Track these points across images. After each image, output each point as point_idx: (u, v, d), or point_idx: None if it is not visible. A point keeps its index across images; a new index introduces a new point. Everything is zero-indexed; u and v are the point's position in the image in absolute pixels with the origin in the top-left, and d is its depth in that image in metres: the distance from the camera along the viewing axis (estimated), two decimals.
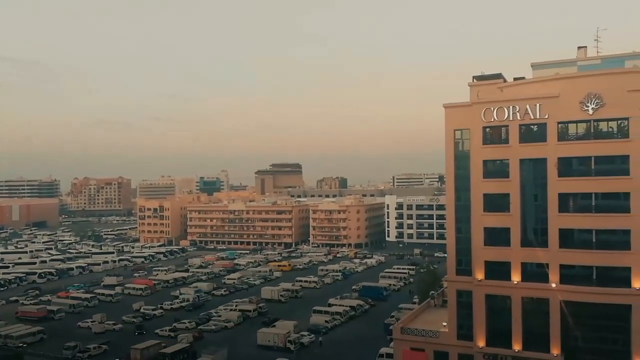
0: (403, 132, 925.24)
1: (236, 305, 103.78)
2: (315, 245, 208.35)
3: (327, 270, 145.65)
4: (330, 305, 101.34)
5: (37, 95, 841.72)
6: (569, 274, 52.08)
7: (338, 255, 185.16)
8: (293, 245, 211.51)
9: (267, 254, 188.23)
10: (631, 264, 49.63)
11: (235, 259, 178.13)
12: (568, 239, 52.28)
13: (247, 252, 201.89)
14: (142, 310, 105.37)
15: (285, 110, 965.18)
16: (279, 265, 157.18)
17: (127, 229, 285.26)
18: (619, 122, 50.83)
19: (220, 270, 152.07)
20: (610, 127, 51.56)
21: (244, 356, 78.12)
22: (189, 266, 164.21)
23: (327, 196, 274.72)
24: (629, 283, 49.53)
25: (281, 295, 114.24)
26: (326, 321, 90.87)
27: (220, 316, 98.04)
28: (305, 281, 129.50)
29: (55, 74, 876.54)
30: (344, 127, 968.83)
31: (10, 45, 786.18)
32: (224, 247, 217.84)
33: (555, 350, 51.90)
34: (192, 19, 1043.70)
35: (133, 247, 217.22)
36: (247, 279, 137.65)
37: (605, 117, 51.07)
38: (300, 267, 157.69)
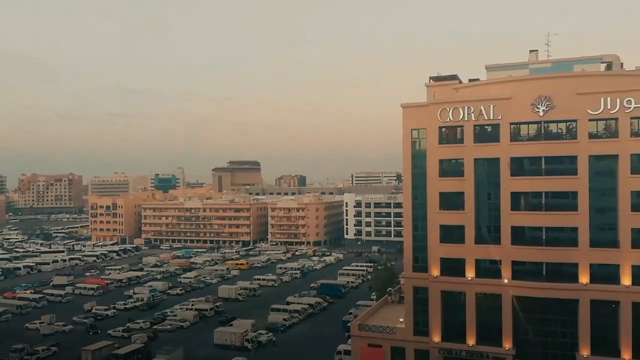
0: (363, 131, 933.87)
1: (192, 305, 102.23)
2: (274, 243, 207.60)
3: (285, 268, 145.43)
4: (288, 303, 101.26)
5: None
6: (520, 270, 53.85)
7: (297, 253, 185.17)
8: (251, 243, 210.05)
9: (225, 253, 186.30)
10: (578, 260, 51.77)
11: (191, 257, 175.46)
12: (519, 236, 54.03)
13: (204, 250, 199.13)
14: (94, 310, 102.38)
15: (244, 107, 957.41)
16: (236, 264, 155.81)
17: (78, 227, 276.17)
18: (568, 123, 52.85)
19: (176, 269, 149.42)
20: (560, 128, 53.54)
21: (200, 356, 77.04)
22: (144, 265, 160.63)
23: (286, 194, 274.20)
24: (576, 278, 51.65)
25: (239, 294, 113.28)
26: (284, 319, 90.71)
27: (175, 316, 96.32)
28: (264, 279, 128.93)
29: (8, 63, 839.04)
30: (304, 125, 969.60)
31: None
32: (180, 246, 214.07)
33: (508, 345, 53.58)
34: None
35: (84, 246, 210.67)
36: (204, 277, 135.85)
37: (555, 119, 53.00)
38: (259, 265, 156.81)
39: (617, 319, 50.74)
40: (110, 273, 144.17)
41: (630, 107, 49.95)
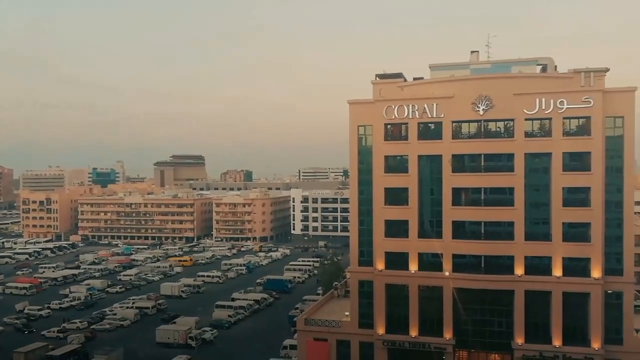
0: (310, 127, 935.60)
1: (133, 303, 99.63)
2: (219, 239, 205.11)
3: (231, 264, 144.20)
4: (234, 299, 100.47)
5: None
6: (461, 263, 55.91)
7: (242, 249, 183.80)
8: (195, 239, 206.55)
9: (167, 249, 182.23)
10: (514, 252, 54.34)
11: (131, 254, 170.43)
12: (460, 230, 56.06)
13: (145, 247, 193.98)
14: (26, 310, 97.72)
15: (189, 101, 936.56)
16: (179, 260, 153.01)
17: (8, 224, 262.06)
18: (506, 122, 55.21)
19: (116, 267, 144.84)
20: (498, 127, 55.85)
21: (142, 355, 75.20)
22: (80, 263, 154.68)
23: (232, 189, 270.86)
24: (512, 270, 54.21)
25: (182, 291, 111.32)
26: (229, 316, 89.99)
27: (115, 315, 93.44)
28: (208, 276, 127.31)
29: None
30: (251, 121, 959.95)
31: None
32: (120, 243, 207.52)
33: (448, 335, 55.55)
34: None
35: (15, 243, 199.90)
36: (145, 275, 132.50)
37: (494, 118, 55.25)
38: (203, 261, 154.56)
39: (549, 308, 53.67)
40: (44, 271, 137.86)
41: (562, 108, 52.80)
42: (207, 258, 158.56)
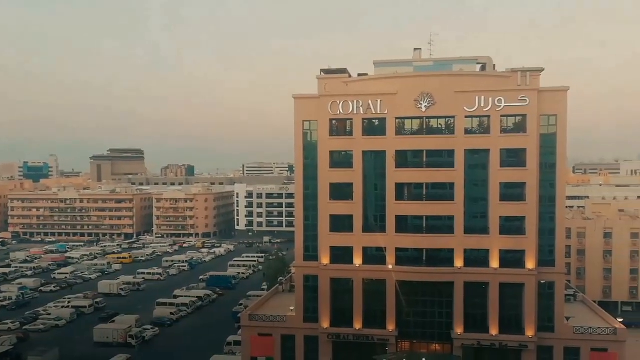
0: (255, 122, 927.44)
1: (69, 302, 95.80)
2: (160, 235, 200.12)
3: (172, 261, 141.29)
4: (176, 297, 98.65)
5: None
6: (403, 256, 57.11)
7: (185, 245, 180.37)
8: (135, 236, 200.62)
9: (105, 246, 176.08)
10: (454, 246, 56.05)
11: (67, 251, 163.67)
12: (403, 224, 57.17)
13: (82, 244, 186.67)
14: None
15: (128, 93, 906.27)
16: (118, 258, 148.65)
17: None
18: (447, 119, 56.73)
19: (50, 265, 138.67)
20: (440, 124, 57.32)
21: (78, 355, 72.42)
22: (11, 261, 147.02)
23: (173, 184, 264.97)
24: (452, 263, 55.94)
25: (121, 289, 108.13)
26: (171, 313, 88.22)
27: (50, 314, 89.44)
28: (149, 273, 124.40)
29: None
30: (193, 115, 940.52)
31: None
32: (54, 240, 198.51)
33: (391, 327, 56.70)
34: None
35: None
36: (82, 273, 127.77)
37: (436, 115, 56.63)
38: (143, 258, 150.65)
39: (486, 298, 55.82)
40: None
41: (500, 106, 54.84)
42: (147, 255, 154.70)
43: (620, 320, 59.55)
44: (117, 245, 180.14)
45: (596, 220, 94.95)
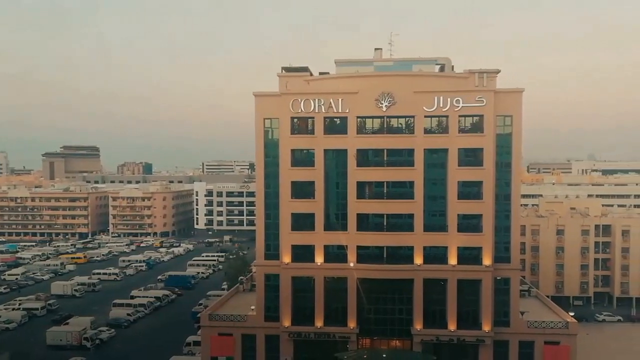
0: (216, 119, 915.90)
1: (19, 304, 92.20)
2: (116, 235, 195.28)
3: (129, 261, 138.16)
4: (133, 297, 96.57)
5: None
6: (364, 254, 57.58)
7: (142, 244, 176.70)
8: (89, 235, 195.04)
9: (58, 246, 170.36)
10: (413, 243, 56.91)
11: (17, 252, 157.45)
12: (364, 222, 57.66)
13: (34, 244, 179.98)
14: None
15: (84, 90, 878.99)
16: (72, 258, 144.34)
17: None
18: (407, 119, 57.48)
19: None
20: (400, 123, 58.02)
21: (31, 359, 69.74)
22: None
23: (130, 182, 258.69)
24: (412, 260, 56.78)
25: (75, 290, 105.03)
26: (128, 314, 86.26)
27: None
28: (105, 273, 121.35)
29: None
30: (151, 112, 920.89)
31: None
32: (4, 239, 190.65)
33: (352, 324, 57.07)
34: None
35: None
36: (34, 274, 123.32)
37: (396, 114, 57.31)
38: (99, 258, 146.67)
39: (445, 295, 56.92)
40: None
41: (458, 106, 55.96)
42: (103, 255, 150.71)
43: (572, 314, 61.86)
44: (71, 245, 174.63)
45: (549, 218, 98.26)
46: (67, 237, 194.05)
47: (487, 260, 56.27)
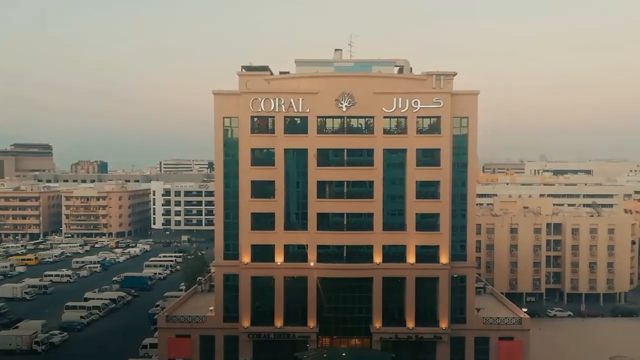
0: (174, 117, 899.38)
1: None
2: (70, 235, 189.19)
3: (83, 262, 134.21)
4: (87, 299, 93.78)
5: None
6: (325, 253, 57.82)
7: (97, 245, 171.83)
8: (41, 236, 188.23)
9: (8, 247, 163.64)
10: (373, 242, 57.54)
11: None
12: (324, 222, 57.92)
13: None
14: None
15: (37, 85, 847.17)
16: (22, 259, 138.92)
17: None
18: (367, 119, 58.05)
19: None
20: (360, 123, 58.54)
21: None
22: None
23: (84, 181, 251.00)
24: (371, 259, 57.37)
25: (26, 293, 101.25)
26: (82, 317, 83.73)
27: None
28: (57, 275, 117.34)
29: None
30: (107, 110, 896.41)
31: None
32: None
33: (312, 323, 57.19)
34: None
35: None
36: None
37: (356, 115, 57.80)
38: (51, 260, 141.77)
39: (403, 293, 57.78)
40: None
41: (416, 108, 56.91)
42: (55, 256, 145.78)
43: (525, 310, 63.84)
44: (21, 246, 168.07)
45: (503, 216, 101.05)
46: (17, 237, 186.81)
47: (444, 259, 57.43)
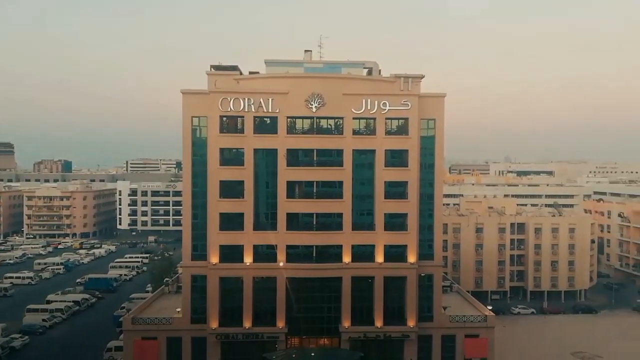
0: (141, 116, 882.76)
1: None
2: (31, 236, 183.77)
3: (45, 263, 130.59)
4: (49, 302, 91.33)
5: None
6: (294, 253, 57.84)
7: (60, 246, 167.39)
8: (1, 237, 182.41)
9: None
10: (342, 242, 57.89)
11: None
12: (294, 222, 57.92)
13: None
14: None
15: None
16: None
17: None
18: (336, 120, 58.36)
19: None
20: (329, 124, 58.80)
21: None
22: None
23: (47, 181, 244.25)
24: (340, 258, 57.71)
25: None
26: (44, 320, 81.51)
27: None
28: (17, 277, 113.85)
29: None
30: (73, 107, 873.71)
31: None
32: None
33: (281, 323, 57.15)
34: None
35: None
36: None
37: (326, 116, 58.06)
38: (11, 261, 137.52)
39: (372, 292, 58.31)
40: None
41: (385, 109, 57.54)
42: (16, 257, 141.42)
43: (490, 308, 65.30)
44: None
45: (469, 216, 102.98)
46: None
47: (412, 258, 58.22)
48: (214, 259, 57.30)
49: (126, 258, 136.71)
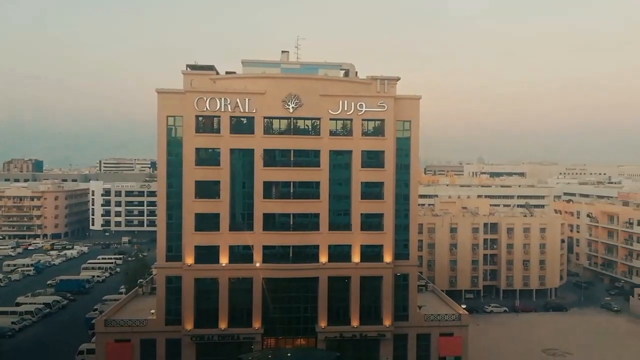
0: (116, 115, 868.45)
1: None
2: (1, 237, 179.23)
3: (15, 265, 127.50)
4: (18, 304, 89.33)
5: None
6: (270, 254, 57.72)
7: (30, 247, 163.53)
8: None
9: None
10: (319, 242, 58.03)
11: None
12: (270, 222, 57.80)
13: None
14: None
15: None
16: None
17: None
18: (313, 121, 58.49)
19: None
20: (307, 125, 58.89)
21: None
22: None
23: (17, 180, 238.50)
24: (317, 259, 57.85)
25: None
26: (13, 323, 79.67)
27: None
28: None
29: None
30: (45, 104, 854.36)
31: None
32: None
33: (257, 324, 56.99)
34: None
35: None
36: None
37: (303, 116, 58.14)
38: None
39: (348, 292, 58.60)
40: None
41: (362, 111, 57.93)
42: None
43: (464, 306, 66.29)
44: None
45: (444, 216, 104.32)
46: None
47: (387, 258, 58.72)
48: (189, 259, 56.84)
49: (99, 259, 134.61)
